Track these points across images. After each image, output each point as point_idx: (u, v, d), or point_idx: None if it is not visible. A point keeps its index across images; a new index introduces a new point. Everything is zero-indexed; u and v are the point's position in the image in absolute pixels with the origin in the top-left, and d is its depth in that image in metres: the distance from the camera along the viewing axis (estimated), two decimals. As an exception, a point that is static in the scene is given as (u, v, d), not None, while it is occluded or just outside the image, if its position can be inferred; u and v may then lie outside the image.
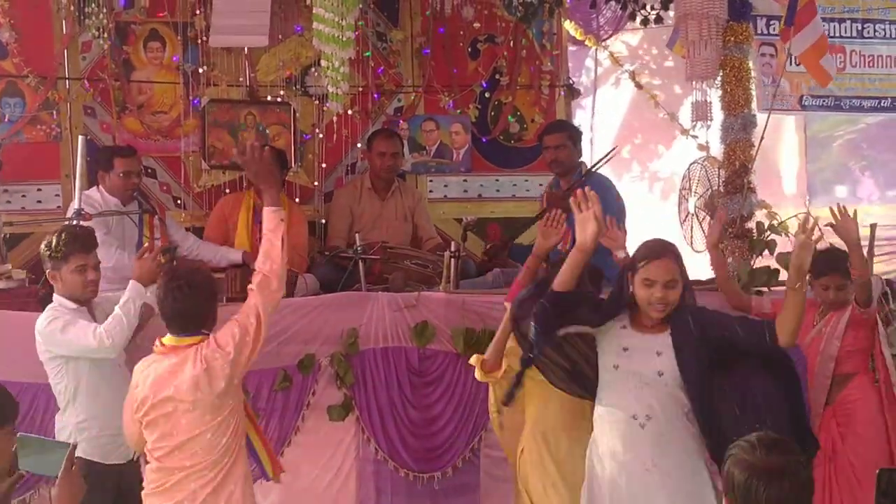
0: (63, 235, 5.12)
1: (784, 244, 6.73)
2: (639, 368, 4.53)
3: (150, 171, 7.53)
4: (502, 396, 5.11)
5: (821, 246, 6.56)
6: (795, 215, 6.66)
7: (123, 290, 5.18)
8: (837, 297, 5.92)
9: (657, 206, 9.53)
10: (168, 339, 4.63)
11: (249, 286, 4.78)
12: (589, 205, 4.62)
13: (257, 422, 5.05)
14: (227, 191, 7.58)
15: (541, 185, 7.33)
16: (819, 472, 5.58)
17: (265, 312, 4.69)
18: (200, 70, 7.63)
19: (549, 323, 4.53)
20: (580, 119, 8.72)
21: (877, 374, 5.94)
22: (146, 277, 5.21)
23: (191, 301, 4.59)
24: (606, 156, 7.06)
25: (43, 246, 5.15)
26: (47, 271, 5.14)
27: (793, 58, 7.42)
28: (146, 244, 5.75)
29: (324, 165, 7.74)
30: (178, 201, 7.69)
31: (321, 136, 7.73)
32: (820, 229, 6.58)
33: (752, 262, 6.65)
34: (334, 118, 7.33)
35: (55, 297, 5.12)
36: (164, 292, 4.61)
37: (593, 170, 6.96)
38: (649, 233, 6.26)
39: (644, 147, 9.89)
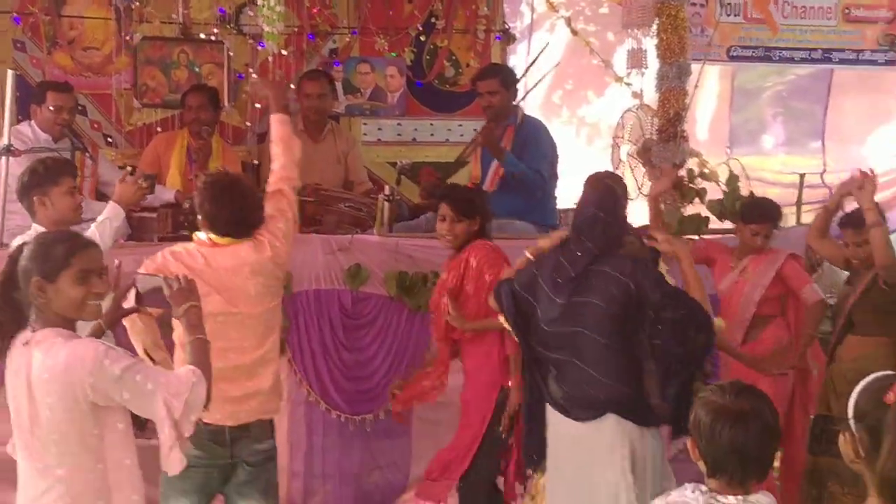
0: (48, 161, 5.15)
1: (714, 191, 6.83)
2: None
3: (81, 108, 7.40)
4: None
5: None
6: (724, 162, 6.78)
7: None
8: (764, 244, 6.14)
9: (583, 151, 9.58)
10: (221, 239, 4.71)
11: (277, 188, 4.98)
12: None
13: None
14: (160, 129, 7.51)
15: (475, 129, 7.33)
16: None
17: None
18: (133, 6, 7.50)
19: None
20: (515, 64, 8.69)
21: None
22: (126, 200, 5.30)
23: (237, 204, 4.73)
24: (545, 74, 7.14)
25: (27, 174, 5.09)
26: (35, 198, 5.05)
27: (721, 8, 7.49)
28: (128, 168, 5.74)
29: (257, 106, 7.67)
30: (109, 139, 7.60)
31: (255, 75, 7.66)
32: (747, 176, 6.72)
33: (682, 210, 6.74)
34: (269, 58, 7.26)
35: (34, 226, 5.03)
36: (213, 197, 4.70)
37: (533, 88, 7.07)
38: (578, 176, 6.33)
39: (574, 93, 9.91)
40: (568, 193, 6.07)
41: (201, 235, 4.76)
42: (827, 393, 5.95)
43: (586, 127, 9.83)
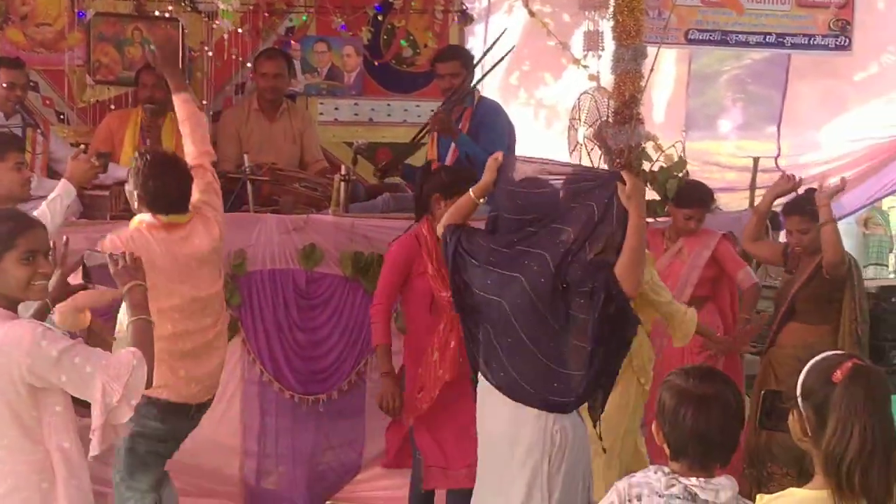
0: None
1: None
2: None
3: (33, 84, 7.32)
4: None
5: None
6: (673, 144, 6.81)
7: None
8: (696, 228, 6.29)
9: (542, 133, 9.55)
10: (167, 217, 4.75)
11: (198, 163, 5.03)
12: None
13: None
14: (113, 106, 7.44)
15: (432, 110, 7.30)
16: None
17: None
18: (87, -19, 7.44)
19: None
20: (472, 45, 8.66)
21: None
22: (78, 178, 5.27)
23: (184, 184, 4.82)
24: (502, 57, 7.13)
25: None
26: None
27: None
28: (80, 146, 5.71)
29: (212, 84, 7.62)
30: (62, 116, 7.52)
31: (210, 53, 7.60)
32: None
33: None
34: (224, 36, 7.22)
35: None
36: (158, 174, 4.73)
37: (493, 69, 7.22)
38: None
39: (532, 74, 9.89)
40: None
41: (146, 217, 4.75)
42: (767, 378, 6.04)
43: (544, 109, 9.80)
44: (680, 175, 6.70)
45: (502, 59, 7.34)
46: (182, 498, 5.81)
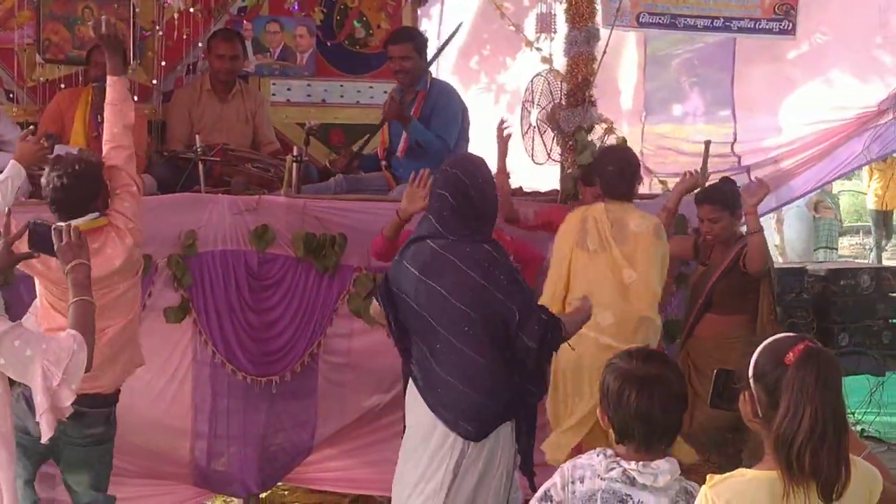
0: None
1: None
2: None
3: (-20, 62, 7.26)
4: None
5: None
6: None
7: None
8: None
9: (503, 118, 9.54)
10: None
11: (112, 163, 4.89)
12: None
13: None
14: (63, 86, 7.35)
15: (385, 91, 7.29)
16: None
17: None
18: (36, -41, 7.34)
19: None
20: (426, 27, 8.64)
21: None
22: (27, 159, 5.23)
23: (77, 187, 4.65)
24: (450, 37, 7.11)
25: None
26: None
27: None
28: (30, 126, 5.64)
29: (163, 64, 7.54)
30: (11, 95, 7.41)
31: (161, 33, 7.52)
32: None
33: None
34: (175, 15, 7.14)
35: None
36: (57, 180, 4.61)
37: (433, 58, 7.15)
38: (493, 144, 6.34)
39: (493, 58, 9.88)
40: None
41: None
42: (686, 369, 6.06)
43: (506, 94, 9.79)
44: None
45: (450, 38, 7.33)
46: (132, 479, 5.83)
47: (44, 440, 3.52)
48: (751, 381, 3.02)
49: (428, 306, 4.50)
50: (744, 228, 6.15)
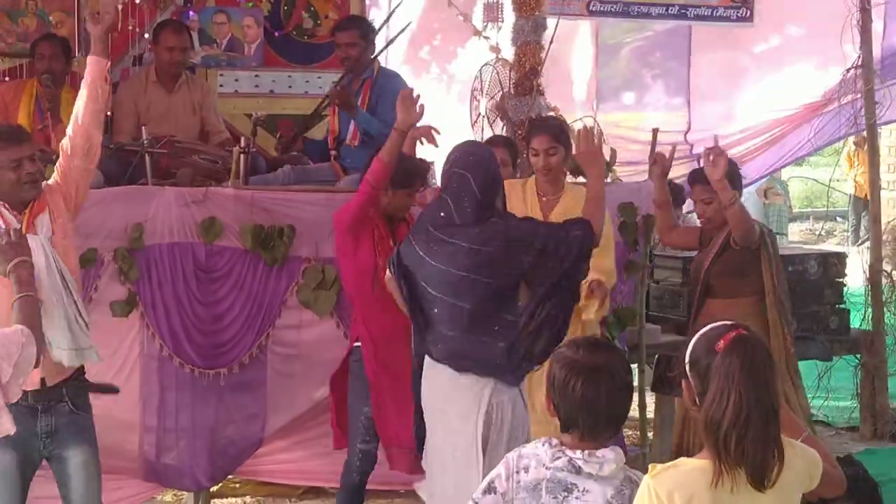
0: None
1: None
2: None
3: (-79, 55, 7.17)
4: None
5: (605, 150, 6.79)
6: (580, 118, 6.84)
7: None
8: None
9: (455, 107, 9.54)
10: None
11: (65, 149, 4.81)
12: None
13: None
14: (7, 78, 7.29)
15: (333, 81, 7.27)
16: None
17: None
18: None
19: None
20: (374, 16, 8.61)
21: None
22: None
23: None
24: (398, 34, 7.12)
25: None
26: None
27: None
28: None
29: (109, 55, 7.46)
30: (-48, 88, 7.34)
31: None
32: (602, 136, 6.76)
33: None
34: (119, 6, 7.05)
35: None
36: None
37: (380, 51, 7.11)
38: (449, 135, 6.33)
39: (443, 48, 9.87)
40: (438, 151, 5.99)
41: None
42: None
43: (458, 84, 9.79)
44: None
45: (396, 36, 7.30)
46: (81, 474, 5.78)
47: (10, 433, 3.48)
48: (687, 367, 3.05)
49: (439, 286, 4.63)
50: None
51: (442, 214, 4.69)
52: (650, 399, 7.22)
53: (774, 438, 2.93)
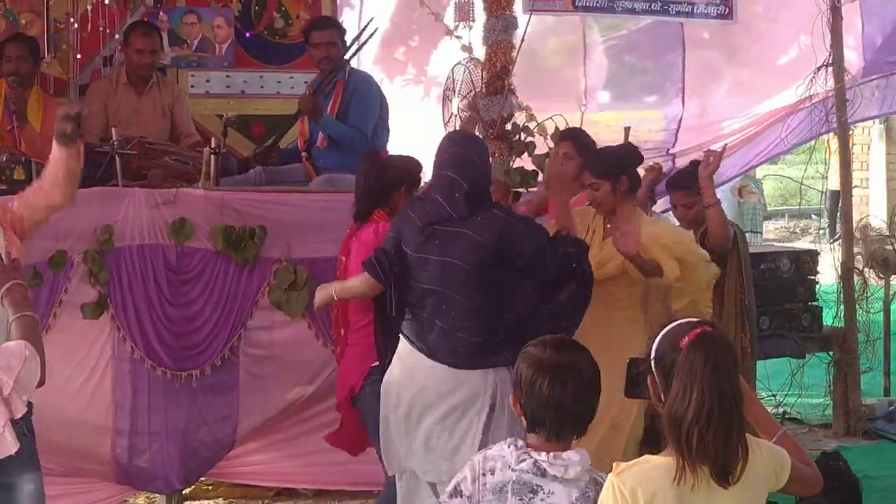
0: None
1: (543, 146, 6.90)
2: None
3: None
4: None
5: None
6: (550, 117, 6.83)
7: None
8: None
9: (434, 109, 9.49)
10: None
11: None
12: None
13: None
14: (-25, 80, 7.23)
15: (305, 82, 7.26)
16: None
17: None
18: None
19: None
20: (347, 17, 8.58)
21: None
22: None
23: None
24: (368, 37, 7.14)
25: None
26: None
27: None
28: None
29: (79, 56, 7.43)
30: (-78, 90, 7.28)
31: (76, 25, 7.39)
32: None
33: (510, 163, 6.79)
34: (89, 7, 7.05)
35: None
36: None
37: (353, 53, 7.07)
38: (424, 137, 6.33)
39: (421, 49, 9.83)
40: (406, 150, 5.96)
41: None
42: None
43: (437, 87, 9.77)
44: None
45: (367, 39, 7.28)
46: (53, 478, 5.67)
47: (4, 455, 3.43)
48: (652, 364, 3.05)
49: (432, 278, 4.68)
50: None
51: (430, 210, 4.72)
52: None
53: (738, 435, 2.93)
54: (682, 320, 3.10)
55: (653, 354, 3.06)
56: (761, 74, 9.26)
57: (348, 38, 7.08)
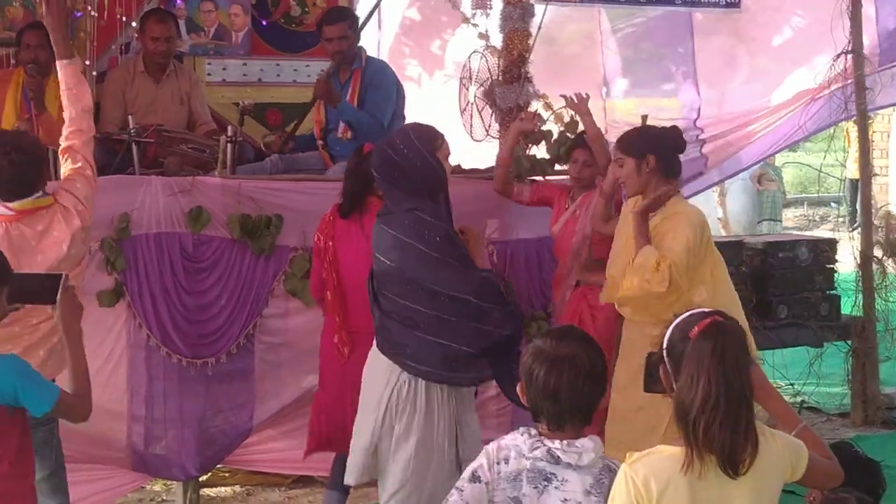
0: None
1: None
2: None
3: None
4: None
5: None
6: (564, 106, 6.80)
7: None
8: (583, 173, 6.05)
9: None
10: (17, 204, 4.55)
11: (68, 144, 4.81)
12: None
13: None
14: (-6, 67, 7.27)
15: (321, 70, 7.24)
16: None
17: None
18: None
19: None
20: (364, 6, 8.57)
21: None
22: None
23: (24, 165, 4.55)
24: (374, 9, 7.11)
25: None
26: None
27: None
28: None
29: (96, 45, 7.44)
30: (-66, 78, 7.31)
31: (93, 13, 7.40)
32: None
33: (527, 152, 6.76)
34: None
35: None
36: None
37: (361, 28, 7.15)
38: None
39: (437, 36, 9.80)
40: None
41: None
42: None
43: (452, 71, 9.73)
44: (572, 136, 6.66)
45: (370, 15, 7.27)
46: (69, 465, 5.75)
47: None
48: (664, 354, 3.05)
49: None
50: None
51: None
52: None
53: (746, 425, 2.93)
54: (695, 310, 3.10)
55: (665, 344, 3.05)
56: (773, 60, 9.20)
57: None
